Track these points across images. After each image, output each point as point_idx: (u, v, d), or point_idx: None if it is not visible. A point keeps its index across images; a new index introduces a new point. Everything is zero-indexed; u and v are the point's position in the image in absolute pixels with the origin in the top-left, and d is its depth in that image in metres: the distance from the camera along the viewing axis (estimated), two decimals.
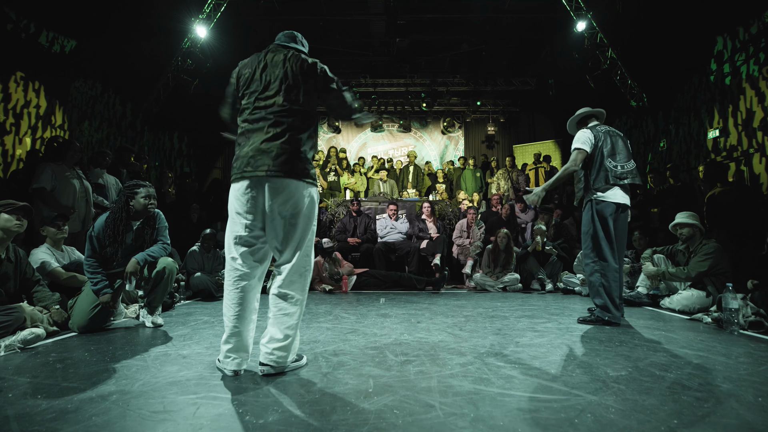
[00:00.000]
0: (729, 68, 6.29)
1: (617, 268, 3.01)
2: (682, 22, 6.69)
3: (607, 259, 2.98)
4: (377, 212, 6.98)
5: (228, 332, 1.80)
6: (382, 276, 5.41)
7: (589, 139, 3.13)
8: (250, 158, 1.79)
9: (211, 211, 6.66)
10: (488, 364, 1.95)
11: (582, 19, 7.87)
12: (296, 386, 1.65)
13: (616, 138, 3.15)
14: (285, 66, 1.88)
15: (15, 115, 5.45)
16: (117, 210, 2.87)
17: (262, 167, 1.76)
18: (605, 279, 2.97)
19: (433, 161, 11.79)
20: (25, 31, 5.51)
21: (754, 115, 5.71)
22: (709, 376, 1.77)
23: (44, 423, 1.31)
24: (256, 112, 1.84)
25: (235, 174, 1.83)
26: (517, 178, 8.93)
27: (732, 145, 6.11)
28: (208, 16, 7.78)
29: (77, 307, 2.78)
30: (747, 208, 4.56)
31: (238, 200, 1.82)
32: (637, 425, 1.28)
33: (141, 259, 2.84)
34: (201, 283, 4.46)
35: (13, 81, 5.42)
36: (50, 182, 3.85)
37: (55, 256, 3.22)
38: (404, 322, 3.07)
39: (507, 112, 11.91)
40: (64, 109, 6.30)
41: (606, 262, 2.98)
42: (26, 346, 2.26)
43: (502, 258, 5.44)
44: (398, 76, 10.74)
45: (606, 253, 2.98)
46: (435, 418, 1.33)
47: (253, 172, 1.77)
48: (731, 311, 2.70)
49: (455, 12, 8.82)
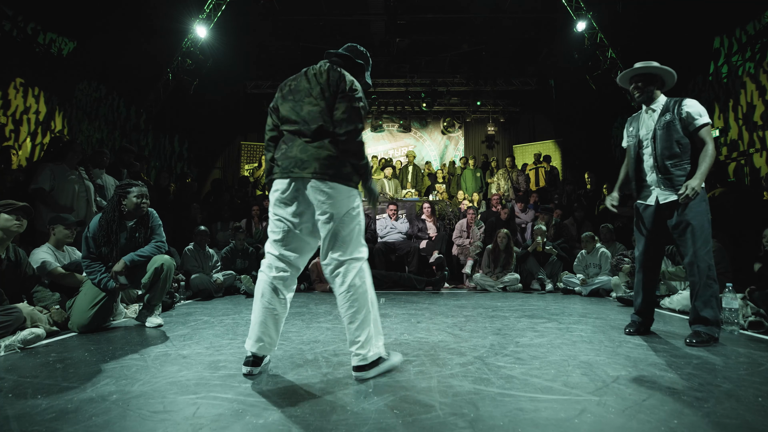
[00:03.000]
0: (726, 69, 6.30)
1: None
2: (681, 22, 6.69)
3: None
4: (377, 212, 6.98)
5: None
6: (382, 276, 5.41)
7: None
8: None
9: (211, 211, 6.66)
10: (488, 364, 1.95)
11: (582, 19, 7.88)
12: (296, 386, 1.65)
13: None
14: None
15: (15, 121, 5.43)
16: (110, 210, 2.88)
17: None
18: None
19: (433, 161, 11.79)
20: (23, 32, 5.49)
21: (755, 109, 5.71)
22: (709, 376, 1.76)
23: (44, 423, 1.31)
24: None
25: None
26: (517, 178, 8.93)
27: (733, 139, 6.11)
28: (208, 16, 7.79)
29: (76, 307, 2.78)
30: (747, 209, 4.57)
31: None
32: (637, 425, 1.28)
33: (128, 260, 2.85)
34: (201, 283, 4.47)
35: (12, 87, 5.41)
36: (49, 182, 3.85)
37: (55, 256, 3.22)
38: (404, 322, 3.07)
39: (507, 112, 11.90)
40: (64, 114, 6.28)
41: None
42: (26, 346, 2.26)
43: (502, 258, 5.45)
44: (398, 76, 10.75)
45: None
46: (435, 418, 1.33)
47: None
48: (731, 311, 2.70)
49: (455, 12, 8.83)
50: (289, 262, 1.85)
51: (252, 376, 1.76)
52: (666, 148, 2.50)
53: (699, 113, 2.46)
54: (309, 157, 1.75)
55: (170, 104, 8.54)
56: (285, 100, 1.89)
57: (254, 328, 1.80)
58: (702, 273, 2.39)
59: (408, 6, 8.40)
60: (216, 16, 7.80)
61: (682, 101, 2.52)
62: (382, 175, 9.04)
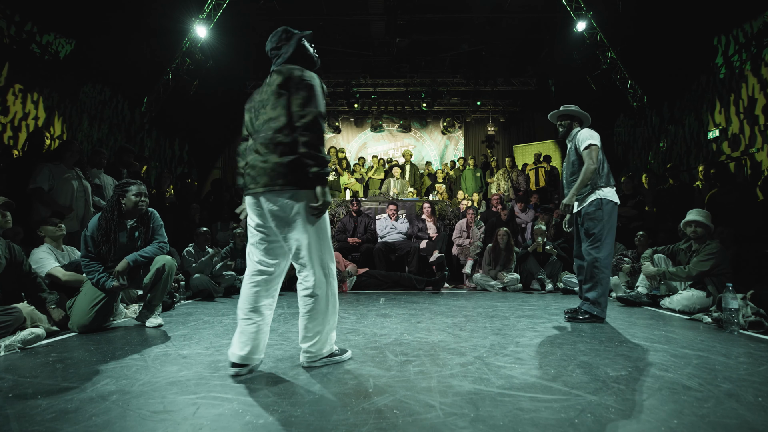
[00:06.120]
0: (726, 70, 6.31)
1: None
2: (681, 22, 6.69)
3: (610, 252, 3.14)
4: (377, 212, 6.98)
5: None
6: (382, 276, 5.41)
7: (598, 136, 3.18)
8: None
9: (212, 211, 6.66)
10: (488, 364, 1.95)
11: (582, 19, 7.88)
12: (296, 386, 1.65)
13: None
14: None
15: (13, 128, 5.41)
16: (109, 209, 2.88)
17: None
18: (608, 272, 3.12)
19: (433, 161, 11.79)
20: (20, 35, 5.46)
21: (756, 102, 5.72)
22: (709, 376, 1.76)
23: (44, 423, 1.31)
24: None
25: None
26: (517, 178, 8.93)
27: (734, 133, 6.12)
28: (208, 16, 7.78)
29: (76, 307, 2.78)
30: (747, 208, 4.57)
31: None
32: (637, 425, 1.28)
33: (131, 260, 2.85)
34: (201, 283, 4.46)
35: (11, 93, 5.38)
36: (47, 182, 3.84)
37: (55, 256, 3.21)
38: (404, 322, 3.07)
39: (507, 112, 11.91)
40: (63, 119, 6.26)
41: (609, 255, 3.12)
42: (26, 346, 2.26)
43: (502, 257, 5.45)
44: (398, 76, 10.75)
45: (611, 247, 3.15)
46: (435, 418, 1.33)
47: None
48: (731, 311, 2.70)
49: (455, 12, 8.83)
50: (269, 267, 1.89)
51: (240, 376, 1.78)
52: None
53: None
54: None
55: (170, 104, 8.54)
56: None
57: (237, 336, 1.84)
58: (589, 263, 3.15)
59: (408, 6, 8.39)
60: (216, 16, 7.80)
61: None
62: (382, 174, 9.04)
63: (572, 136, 3.31)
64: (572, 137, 3.31)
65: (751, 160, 5.80)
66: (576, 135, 3.25)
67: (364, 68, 11.12)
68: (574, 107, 3.36)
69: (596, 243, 3.09)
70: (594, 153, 3.09)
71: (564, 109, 3.38)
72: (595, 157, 3.08)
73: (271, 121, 1.81)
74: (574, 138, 3.28)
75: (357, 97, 10.99)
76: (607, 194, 3.13)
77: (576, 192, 3.13)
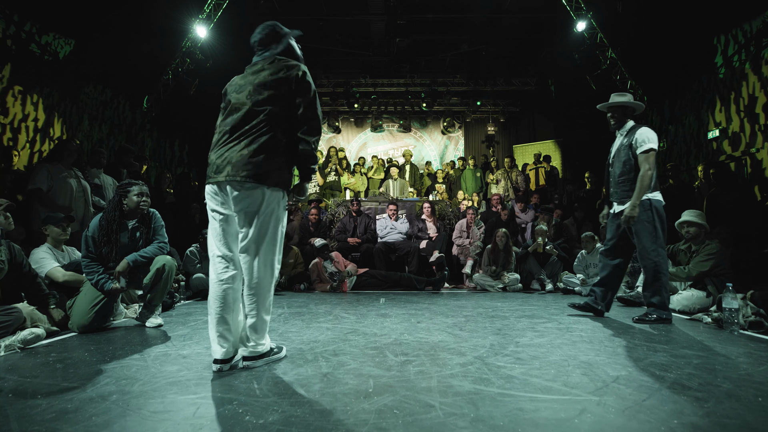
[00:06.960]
0: (725, 69, 6.31)
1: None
2: (681, 21, 6.69)
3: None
4: (377, 212, 6.98)
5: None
6: (382, 276, 5.41)
7: (656, 138, 3.00)
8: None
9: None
10: (488, 364, 1.95)
11: (582, 19, 7.87)
12: (296, 386, 1.65)
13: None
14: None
15: (12, 129, 5.39)
16: (110, 209, 2.88)
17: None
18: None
19: (433, 161, 11.79)
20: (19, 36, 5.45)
21: (757, 101, 5.72)
22: (709, 376, 1.76)
23: (44, 423, 1.31)
24: None
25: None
26: (517, 178, 8.94)
27: (735, 132, 6.11)
28: (208, 16, 7.78)
29: (76, 307, 2.78)
30: (746, 208, 4.57)
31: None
32: (637, 425, 1.28)
33: (132, 260, 2.85)
34: (201, 283, 4.47)
35: (11, 95, 5.37)
36: (46, 183, 3.84)
37: (55, 256, 3.22)
38: (404, 322, 3.07)
39: (507, 112, 11.91)
40: (63, 120, 6.26)
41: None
42: (26, 346, 2.26)
43: (501, 258, 5.45)
44: (398, 76, 10.76)
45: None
46: (435, 418, 1.33)
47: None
48: (731, 311, 2.70)
49: (455, 12, 8.83)
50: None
51: (222, 372, 1.81)
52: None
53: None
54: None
55: (170, 104, 8.54)
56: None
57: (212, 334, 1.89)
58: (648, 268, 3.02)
59: (408, 6, 8.40)
60: (216, 16, 7.80)
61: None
62: (378, 175, 9.03)
63: (626, 131, 3.06)
64: (626, 132, 3.06)
65: (752, 160, 5.80)
66: (634, 133, 3.01)
67: (364, 68, 11.13)
68: (628, 96, 3.08)
69: (655, 247, 2.95)
70: (652, 158, 2.90)
71: (617, 100, 3.09)
72: (653, 162, 2.89)
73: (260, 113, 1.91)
74: (629, 135, 3.03)
75: (357, 97, 11.00)
76: (656, 196, 3.00)
77: (637, 199, 2.93)
